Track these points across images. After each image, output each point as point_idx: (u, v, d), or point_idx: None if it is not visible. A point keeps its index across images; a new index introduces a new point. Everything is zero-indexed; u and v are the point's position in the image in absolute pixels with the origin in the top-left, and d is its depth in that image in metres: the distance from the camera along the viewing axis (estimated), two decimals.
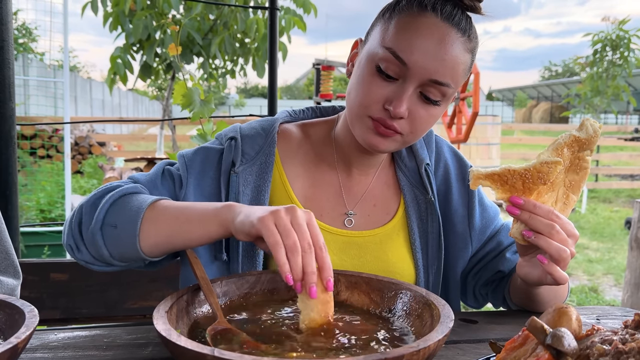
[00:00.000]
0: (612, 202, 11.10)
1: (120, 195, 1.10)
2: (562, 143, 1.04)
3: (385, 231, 1.26)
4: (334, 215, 1.25)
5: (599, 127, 1.06)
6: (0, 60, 1.84)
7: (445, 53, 1.06)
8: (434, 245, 1.26)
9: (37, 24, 12.47)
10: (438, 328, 0.82)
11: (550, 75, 70.02)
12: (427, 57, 1.06)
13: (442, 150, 1.33)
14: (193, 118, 2.09)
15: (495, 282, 1.32)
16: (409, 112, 1.09)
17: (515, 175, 1.02)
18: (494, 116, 9.80)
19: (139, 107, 33.22)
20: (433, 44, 1.06)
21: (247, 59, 7.70)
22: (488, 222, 1.31)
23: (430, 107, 1.11)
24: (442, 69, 1.07)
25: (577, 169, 1.07)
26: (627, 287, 4.00)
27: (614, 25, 10.21)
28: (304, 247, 0.89)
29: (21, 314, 0.82)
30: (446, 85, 1.08)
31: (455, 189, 1.30)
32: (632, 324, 0.76)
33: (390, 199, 1.29)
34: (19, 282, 1.26)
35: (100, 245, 1.07)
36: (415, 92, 1.09)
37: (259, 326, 0.93)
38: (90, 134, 11.32)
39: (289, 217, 0.91)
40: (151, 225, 1.05)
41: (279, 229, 0.90)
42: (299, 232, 0.90)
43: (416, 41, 1.06)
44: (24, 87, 10.04)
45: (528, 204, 1.02)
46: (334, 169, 1.28)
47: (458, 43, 1.08)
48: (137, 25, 6.82)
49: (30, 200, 7.55)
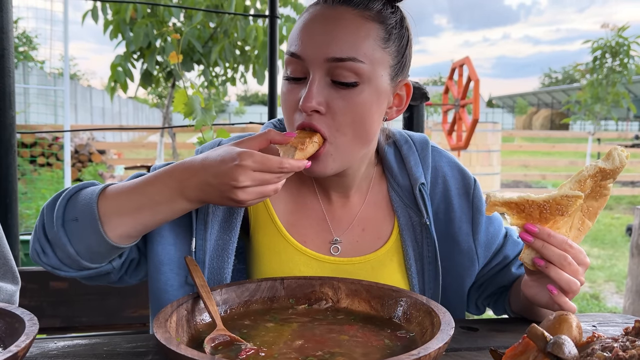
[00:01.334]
0: (613, 208, 11.09)
1: (75, 190, 1.08)
2: (586, 175, 1.01)
3: (377, 257, 1.19)
4: (318, 242, 1.19)
5: (627, 157, 1.01)
6: (1, 69, 1.84)
7: (333, 29, 1.03)
8: (431, 270, 1.19)
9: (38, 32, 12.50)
10: (439, 335, 0.81)
11: (551, 82, 70.16)
12: (315, 40, 1.04)
13: (439, 165, 1.25)
14: (196, 126, 2.09)
15: (498, 294, 1.30)
16: (327, 105, 1.04)
17: (533, 205, 0.99)
18: (494, 123, 9.81)
19: (139, 114, 33.28)
20: (318, 26, 1.05)
21: (247, 66, 7.72)
22: (494, 237, 1.25)
23: (347, 91, 1.04)
24: (335, 45, 1.02)
25: (597, 195, 1.04)
26: (629, 294, 3.99)
27: (613, 32, 10.24)
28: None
29: (21, 322, 0.82)
30: (350, 59, 1.02)
31: (457, 205, 1.22)
32: (632, 331, 0.76)
33: (382, 222, 1.22)
34: (18, 287, 1.26)
35: (65, 243, 1.03)
36: (324, 81, 1.04)
37: (259, 333, 0.92)
38: (90, 141, 11.33)
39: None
40: (110, 205, 1.02)
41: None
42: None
43: (303, 31, 1.06)
44: (24, 95, 10.07)
45: (542, 233, 0.99)
46: (314, 194, 1.22)
47: (349, 15, 1.05)
48: (138, 33, 6.84)
49: (30, 209, 7.55)
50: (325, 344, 0.88)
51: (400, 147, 1.25)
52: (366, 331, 0.94)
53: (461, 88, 6.96)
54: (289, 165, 0.98)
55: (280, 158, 0.98)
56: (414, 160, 1.23)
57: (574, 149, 13.27)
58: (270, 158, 0.96)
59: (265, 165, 0.95)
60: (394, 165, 1.23)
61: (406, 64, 1.13)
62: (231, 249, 1.14)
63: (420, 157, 1.24)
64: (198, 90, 2.15)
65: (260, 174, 0.96)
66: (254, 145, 1.01)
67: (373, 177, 1.24)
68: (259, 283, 1.06)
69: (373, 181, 1.24)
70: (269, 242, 1.18)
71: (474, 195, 1.23)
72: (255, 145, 1.01)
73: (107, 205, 1.03)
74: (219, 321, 0.92)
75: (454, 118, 7.14)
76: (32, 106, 10.27)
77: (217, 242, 1.14)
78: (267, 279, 1.08)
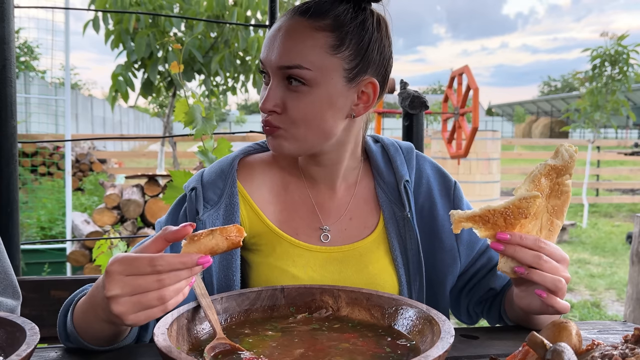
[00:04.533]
0: (613, 216, 11.09)
1: (68, 305, 1.07)
2: (537, 174, 1.04)
3: (364, 245, 1.25)
4: (309, 232, 1.26)
5: (575, 152, 1.05)
6: (2, 79, 1.85)
7: (284, 39, 1.13)
8: (415, 262, 1.24)
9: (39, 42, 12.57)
10: (439, 344, 0.82)
11: (550, 91, 70.30)
12: (270, 50, 1.15)
13: (423, 167, 1.33)
14: (196, 135, 2.10)
15: (489, 300, 1.32)
16: (283, 104, 1.14)
17: (496, 214, 1.00)
18: (494, 131, 9.82)
19: (140, 124, 33.35)
20: (273, 36, 1.15)
21: (248, 76, 7.76)
22: (476, 237, 1.28)
23: (297, 93, 1.13)
24: (284, 54, 1.12)
25: (558, 194, 1.06)
26: (629, 302, 3.98)
27: (612, 41, 10.26)
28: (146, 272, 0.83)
29: (22, 331, 0.83)
30: (296, 67, 1.11)
31: (440, 204, 1.29)
32: (632, 338, 0.76)
33: (368, 214, 1.29)
34: (19, 302, 1.25)
35: (81, 344, 1.01)
36: (281, 84, 1.14)
37: (260, 342, 0.93)
38: (91, 151, 11.35)
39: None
40: (81, 332, 0.99)
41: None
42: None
43: (267, 41, 1.17)
44: (25, 105, 10.09)
45: (514, 238, 1.01)
46: (303, 188, 1.29)
47: (301, 27, 1.13)
48: (140, 43, 6.87)
49: (31, 218, 7.55)
50: (326, 353, 0.88)
51: (388, 149, 1.33)
52: (366, 339, 0.95)
53: (460, 96, 6.98)
54: (166, 263, 0.82)
55: (151, 255, 0.83)
56: (400, 160, 1.31)
57: None
58: (138, 257, 0.83)
59: (132, 265, 0.82)
60: (380, 163, 1.31)
61: (370, 64, 1.17)
62: (235, 266, 1.21)
63: (405, 159, 1.32)
64: (199, 100, 2.16)
65: (131, 279, 0.82)
66: (150, 248, 0.88)
67: (360, 171, 1.31)
68: (259, 292, 1.07)
69: (360, 176, 1.31)
70: (265, 243, 1.24)
71: (454, 196, 1.31)
72: (151, 248, 0.88)
73: (77, 325, 1.00)
74: (220, 330, 0.92)
75: (454, 126, 7.15)
76: (34, 116, 10.29)
77: (221, 262, 1.21)
78: (267, 287, 1.08)
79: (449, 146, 7.30)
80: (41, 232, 7.35)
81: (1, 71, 1.84)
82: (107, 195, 6.09)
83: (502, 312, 1.28)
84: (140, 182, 6.39)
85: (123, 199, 5.96)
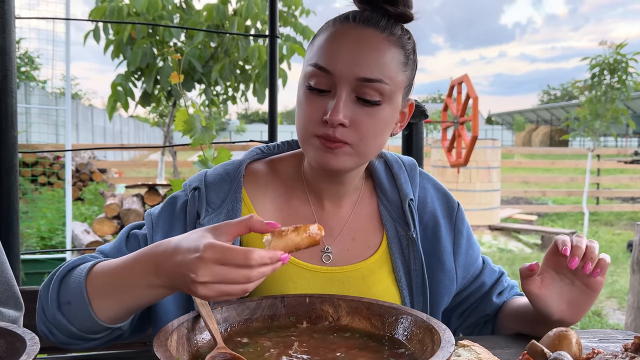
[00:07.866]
0: (614, 225, 11.08)
1: (67, 270, 1.07)
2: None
3: (367, 265, 1.21)
4: (309, 252, 1.18)
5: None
6: (3, 89, 1.86)
7: (365, 51, 1.07)
8: (418, 283, 1.22)
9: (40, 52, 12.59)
10: (439, 353, 0.82)
11: (549, 99, 70.44)
12: (347, 59, 1.07)
13: (426, 187, 1.30)
14: (193, 144, 2.11)
15: (480, 326, 1.33)
16: (351, 119, 1.08)
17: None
18: (494, 140, 9.84)
19: (140, 133, 33.39)
20: (351, 46, 1.07)
21: (248, 85, 7.77)
22: (472, 260, 1.29)
23: (371, 108, 1.09)
24: (365, 66, 1.06)
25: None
26: (630, 310, 3.97)
27: (611, 50, 10.29)
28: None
29: (22, 341, 0.82)
30: (377, 81, 1.07)
31: (443, 226, 1.26)
32: (632, 347, 0.76)
33: (371, 233, 1.25)
34: (21, 313, 1.24)
35: (66, 324, 1.02)
36: (350, 97, 1.08)
37: (260, 352, 0.92)
38: (92, 160, 11.36)
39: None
40: (97, 287, 1.00)
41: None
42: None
43: (335, 47, 1.08)
44: (25, 115, 10.12)
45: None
46: (306, 203, 1.24)
47: (379, 40, 1.09)
48: (137, 53, 6.89)
49: (31, 228, 7.54)
50: None
51: (392, 166, 1.30)
52: (367, 349, 0.94)
53: (460, 105, 6.99)
54: (259, 258, 0.84)
55: (247, 249, 0.84)
56: (404, 178, 1.28)
57: (574, 166, 13.28)
58: (235, 249, 0.84)
59: (226, 256, 0.84)
60: (384, 181, 1.28)
61: (413, 85, 1.19)
62: None
63: (409, 176, 1.29)
64: (199, 109, 2.17)
65: (223, 269, 0.84)
66: (232, 231, 0.90)
67: (362, 189, 1.28)
68: (259, 301, 1.06)
69: (363, 194, 1.28)
70: None
71: (456, 218, 1.29)
72: (233, 231, 0.90)
73: (94, 288, 1.00)
74: (220, 339, 0.92)
75: (454, 135, 7.16)
76: (34, 126, 10.32)
77: None
78: (267, 297, 1.08)
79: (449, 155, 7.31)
80: (41, 242, 7.34)
81: (2, 81, 1.85)
82: (107, 205, 6.09)
83: (496, 331, 1.29)
84: (140, 192, 6.40)
85: (123, 209, 5.96)
